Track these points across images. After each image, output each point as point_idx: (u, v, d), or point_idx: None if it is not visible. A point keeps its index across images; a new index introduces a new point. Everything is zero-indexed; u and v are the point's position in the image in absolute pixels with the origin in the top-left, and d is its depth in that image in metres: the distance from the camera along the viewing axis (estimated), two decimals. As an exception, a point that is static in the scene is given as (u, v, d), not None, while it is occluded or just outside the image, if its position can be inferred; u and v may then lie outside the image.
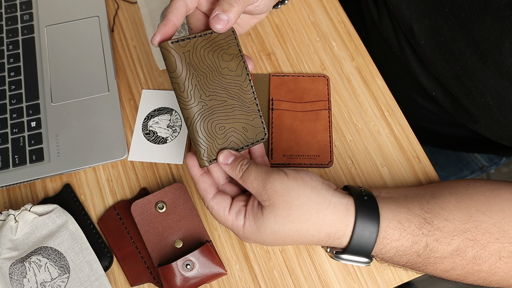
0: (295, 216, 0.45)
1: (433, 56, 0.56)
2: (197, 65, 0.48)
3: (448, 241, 0.46)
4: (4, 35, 0.65)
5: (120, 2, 0.68)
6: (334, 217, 0.45)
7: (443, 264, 0.46)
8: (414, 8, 0.57)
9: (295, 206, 0.45)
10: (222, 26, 0.47)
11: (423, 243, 0.46)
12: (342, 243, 0.46)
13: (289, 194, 0.45)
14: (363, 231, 0.45)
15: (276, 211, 0.45)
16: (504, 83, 0.49)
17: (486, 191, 0.49)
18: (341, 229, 0.45)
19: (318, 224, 0.45)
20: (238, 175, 0.47)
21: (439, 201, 0.48)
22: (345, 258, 0.47)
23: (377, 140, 0.59)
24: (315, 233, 0.45)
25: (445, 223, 0.46)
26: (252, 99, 0.51)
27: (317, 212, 0.45)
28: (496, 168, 0.83)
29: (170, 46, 0.46)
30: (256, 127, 0.51)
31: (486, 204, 0.48)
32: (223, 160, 0.47)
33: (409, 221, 0.46)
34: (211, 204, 0.48)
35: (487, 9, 0.49)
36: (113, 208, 0.56)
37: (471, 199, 0.48)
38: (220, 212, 0.48)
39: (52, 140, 0.59)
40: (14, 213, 0.52)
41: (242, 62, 0.51)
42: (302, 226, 0.45)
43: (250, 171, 0.46)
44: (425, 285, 1.22)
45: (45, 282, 0.51)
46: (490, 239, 0.46)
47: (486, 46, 0.49)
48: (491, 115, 0.52)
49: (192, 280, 0.51)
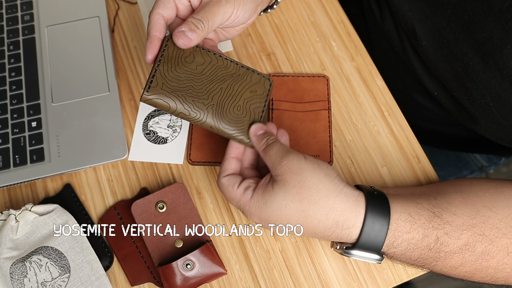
0: (304, 196, 0.45)
1: (435, 57, 0.56)
2: (178, 87, 0.49)
3: (458, 235, 0.46)
4: (5, 36, 0.65)
5: (120, 2, 0.68)
6: (344, 205, 0.45)
7: (452, 259, 0.46)
8: (416, 9, 0.57)
9: (306, 186, 0.45)
10: (185, 43, 0.49)
11: (433, 236, 0.46)
12: (352, 234, 0.46)
13: (303, 174, 0.45)
14: (373, 222, 0.45)
15: (287, 187, 0.45)
16: (505, 84, 0.49)
17: (490, 189, 0.49)
18: (351, 219, 0.45)
19: (326, 209, 0.45)
20: (262, 147, 0.48)
21: (445, 197, 0.48)
22: (356, 254, 0.47)
23: (376, 140, 0.59)
24: (321, 218, 0.45)
25: (454, 217, 0.46)
26: (236, 67, 0.52)
27: (327, 196, 0.45)
28: (495, 168, 0.83)
29: (147, 95, 0.48)
30: (259, 82, 0.52)
31: (492, 200, 0.48)
32: (253, 131, 0.50)
33: (419, 214, 0.46)
34: (223, 180, 0.49)
35: (489, 11, 0.49)
36: (113, 208, 0.56)
37: (476, 195, 0.49)
38: (229, 188, 0.48)
39: (52, 140, 0.59)
40: (15, 213, 0.52)
41: (202, 51, 0.51)
42: (309, 208, 0.45)
43: (273, 145, 0.48)
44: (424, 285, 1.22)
45: (45, 282, 0.51)
46: (498, 234, 0.46)
47: (488, 47, 0.50)
48: (491, 116, 0.53)
49: (192, 280, 0.51)
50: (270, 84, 0.53)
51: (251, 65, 0.63)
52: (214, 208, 0.56)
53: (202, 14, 0.49)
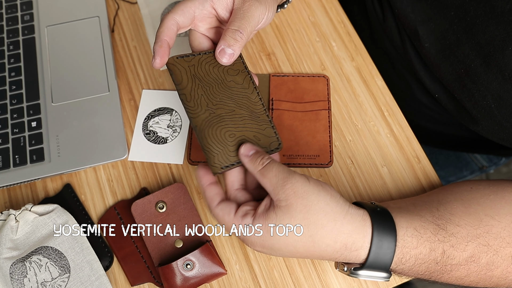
0: (311, 221, 0.43)
1: (437, 58, 0.56)
2: (203, 77, 0.48)
3: (463, 247, 0.45)
4: (5, 35, 0.65)
5: (120, 2, 0.68)
6: (351, 227, 0.44)
7: (458, 271, 0.46)
8: (419, 11, 0.57)
9: (312, 211, 0.43)
10: (228, 60, 0.49)
11: (440, 249, 0.45)
12: (360, 256, 0.44)
13: (309, 197, 0.43)
14: (381, 241, 0.43)
15: (292, 213, 0.43)
16: (506, 86, 0.49)
17: (491, 194, 0.49)
18: (359, 240, 0.44)
19: (334, 233, 0.43)
20: (257, 168, 0.45)
21: (447, 208, 0.48)
22: (364, 274, 0.45)
23: (376, 140, 0.59)
24: (330, 242, 0.43)
25: (458, 228, 0.46)
26: (262, 110, 0.50)
27: (334, 220, 0.43)
28: (495, 168, 0.83)
29: (175, 61, 0.48)
30: (269, 136, 0.49)
31: (493, 208, 0.47)
32: (244, 151, 0.46)
33: (424, 228, 0.45)
34: (216, 211, 0.47)
35: (492, 13, 0.49)
36: (113, 208, 0.56)
37: (477, 203, 0.48)
38: (225, 217, 0.46)
39: (52, 140, 0.59)
40: (15, 213, 0.52)
41: (248, 77, 0.51)
42: (317, 232, 0.43)
43: (272, 166, 0.44)
44: (425, 285, 1.22)
45: (45, 282, 0.51)
46: (502, 244, 0.46)
47: (490, 49, 0.50)
48: (492, 118, 0.53)
49: (192, 280, 0.51)
50: (276, 147, 0.49)
51: (251, 65, 0.63)
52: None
53: (238, 23, 0.48)
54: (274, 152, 0.49)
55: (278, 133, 0.50)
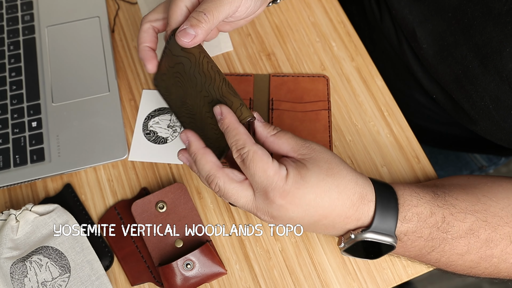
0: (335, 171, 0.44)
1: (435, 60, 0.56)
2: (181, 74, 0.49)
3: (462, 218, 0.46)
4: (5, 36, 0.65)
5: (120, 2, 0.68)
6: (363, 180, 0.46)
7: (459, 244, 0.46)
8: (417, 12, 0.57)
9: (334, 163, 0.45)
10: (188, 40, 0.46)
11: (440, 214, 0.46)
12: (370, 210, 0.45)
13: (328, 153, 0.45)
14: (382, 196, 0.45)
15: (319, 163, 0.44)
16: (504, 87, 0.49)
17: (488, 182, 0.50)
18: (371, 193, 0.45)
19: (353, 183, 0.45)
20: (271, 132, 0.45)
21: (445, 189, 0.49)
22: (370, 236, 0.44)
23: (376, 140, 0.59)
24: (350, 192, 0.44)
25: (457, 201, 0.47)
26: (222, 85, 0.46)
27: (351, 172, 0.45)
28: (495, 168, 0.83)
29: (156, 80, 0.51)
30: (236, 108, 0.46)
31: (491, 192, 0.48)
32: (259, 117, 0.46)
33: (423, 191, 0.47)
34: (255, 148, 0.43)
35: (489, 15, 0.49)
36: (113, 208, 0.56)
37: (475, 187, 0.49)
38: (264, 158, 0.42)
39: (52, 140, 0.59)
40: (15, 213, 0.52)
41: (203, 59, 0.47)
42: (341, 182, 0.44)
43: (286, 132, 0.45)
44: (424, 285, 1.22)
45: (46, 282, 0.51)
46: (500, 223, 0.46)
47: (487, 50, 0.50)
48: (490, 119, 0.53)
49: (192, 280, 0.51)
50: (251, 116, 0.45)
51: (251, 65, 0.63)
52: (214, 208, 0.56)
53: (204, 5, 0.46)
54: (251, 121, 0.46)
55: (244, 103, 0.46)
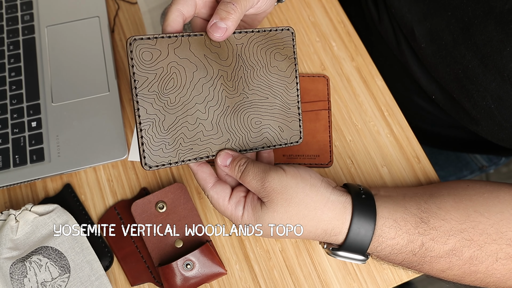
0: (293, 213, 0.45)
1: (434, 59, 0.56)
2: (247, 58, 0.48)
3: (444, 241, 0.46)
4: (5, 36, 0.65)
5: (120, 2, 0.68)
6: (332, 214, 0.46)
7: (439, 263, 0.46)
8: (416, 11, 0.57)
9: (293, 204, 0.45)
10: (221, 35, 0.45)
11: (418, 242, 0.46)
12: (339, 240, 0.47)
13: (287, 192, 0.45)
14: (359, 229, 0.45)
15: (275, 208, 0.45)
16: (506, 86, 0.49)
17: (485, 193, 0.49)
18: (338, 227, 0.46)
19: (315, 221, 0.45)
20: (237, 176, 0.47)
21: (437, 201, 0.48)
22: (341, 254, 0.48)
23: (376, 140, 0.59)
24: (311, 229, 0.46)
25: (442, 222, 0.47)
26: (295, 102, 0.51)
27: (315, 209, 0.45)
28: (495, 168, 0.83)
29: None
30: (293, 129, 0.51)
31: (485, 205, 0.48)
32: (221, 162, 0.47)
33: (405, 220, 0.47)
34: (211, 193, 0.48)
35: (490, 13, 0.49)
36: (113, 208, 0.56)
37: (469, 199, 0.48)
38: (219, 202, 0.48)
39: (52, 140, 0.59)
40: (15, 213, 0.52)
41: (293, 65, 0.50)
42: (299, 223, 0.45)
43: (248, 171, 0.46)
44: (424, 285, 1.22)
45: (45, 282, 0.51)
46: (487, 240, 0.46)
47: (488, 50, 0.49)
48: (492, 118, 0.53)
49: (192, 280, 0.51)
50: (296, 141, 0.51)
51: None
52: (214, 208, 0.56)
53: None
54: (291, 145, 0.51)
55: (302, 127, 0.51)
